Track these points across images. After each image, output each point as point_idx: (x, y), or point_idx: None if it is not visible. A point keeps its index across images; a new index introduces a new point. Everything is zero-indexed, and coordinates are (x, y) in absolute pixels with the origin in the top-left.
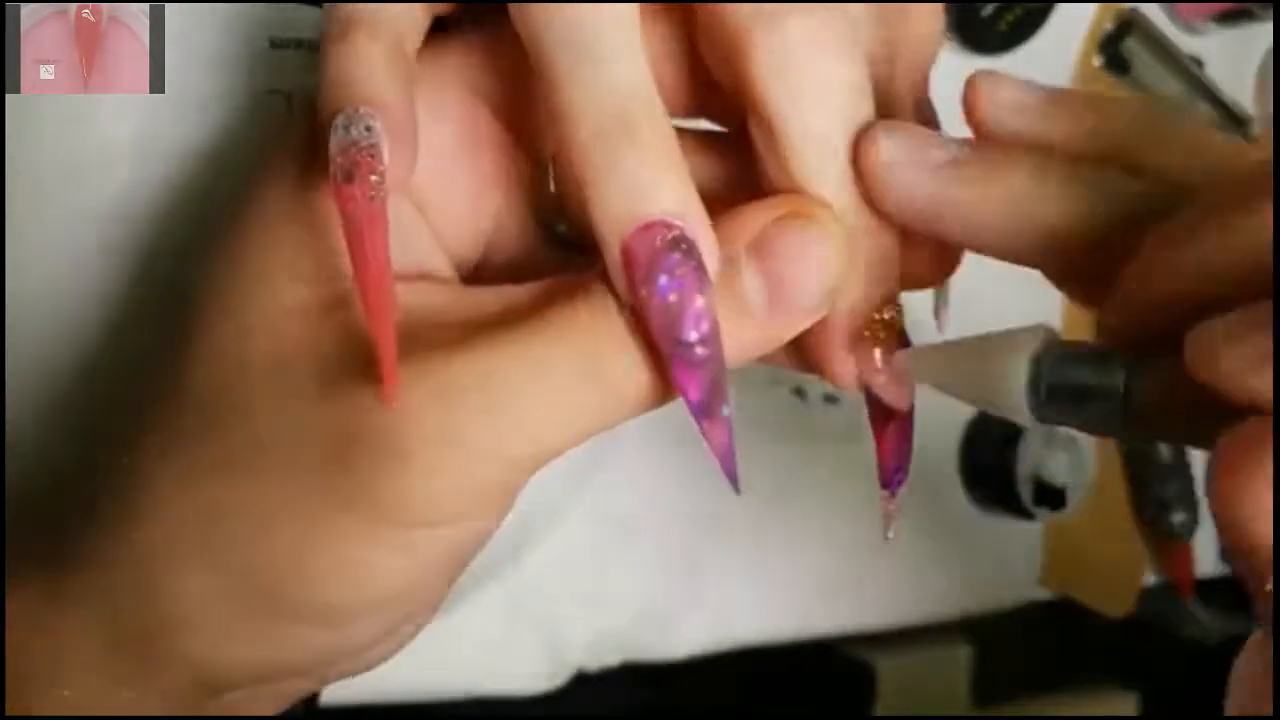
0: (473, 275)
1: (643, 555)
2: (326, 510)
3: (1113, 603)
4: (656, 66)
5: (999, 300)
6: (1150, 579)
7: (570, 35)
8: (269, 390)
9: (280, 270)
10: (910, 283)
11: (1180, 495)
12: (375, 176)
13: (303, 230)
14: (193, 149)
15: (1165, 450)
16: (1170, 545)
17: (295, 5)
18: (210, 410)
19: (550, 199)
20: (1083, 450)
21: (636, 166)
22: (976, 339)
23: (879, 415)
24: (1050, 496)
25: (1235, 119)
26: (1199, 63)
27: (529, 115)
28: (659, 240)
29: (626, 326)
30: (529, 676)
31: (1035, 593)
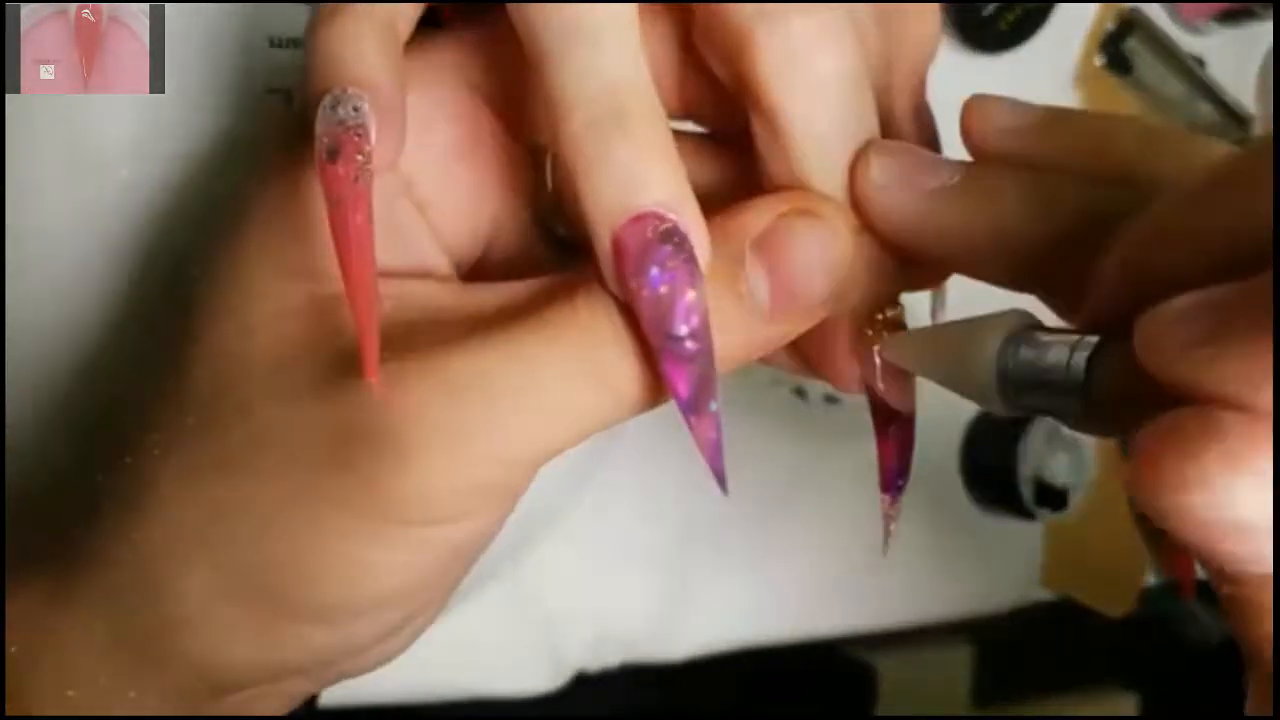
0: (471, 274)
1: (643, 556)
2: (327, 509)
3: (1113, 603)
4: (653, 66)
5: (998, 300)
6: (1151, 579)
7: (566, 26)
8: (269, 389)
9: (280, 269)
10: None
11: None
12: (361, 156)
13: (302, 229)
14: (193, 149)
15: None
16: (1171, 545)
17: (295, 5)
18: (211, 409)
19: (549, 198)
20: (1084, 450)
21: (628, 157)
22: (954, 324)
23: (881, 417)
24: (1051, 497)
25: (1236, 119)
26: (1200, 62)
27: (526, 111)
28: (650, 232)
29: (626, 325)
30: (529, 677)
31: (1036, 593)
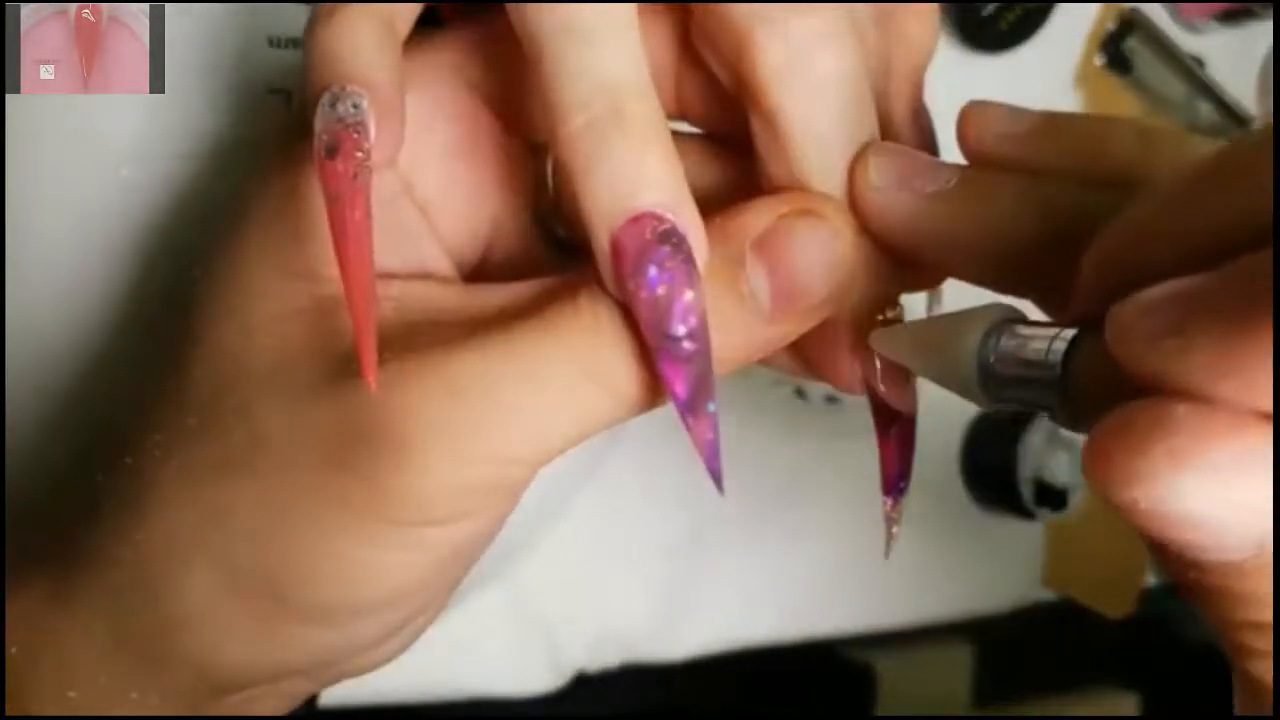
0: (472, 276)
1: (643, 556)
2: (328, 509)
3: (1114, 603)
4: (650, 66)
5: (995, 300)
6: (1151, 579)
7: (564, 26)
8: (270, 390)
9: (281, 270)
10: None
11: None
12: (360, 154)
13: (302, 230)
14: (193, 149)
15: None
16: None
17: (295, 5)
18: (211, 410)
19: (548, 199)
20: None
21: (627, 158)
22: (939, 317)
23: (882, 418)
24: (1051, 497)
25: (1237, 118)
26: (1200, 62)
27: (525, 110)
28: (649, 232)
29: (627, 326)
30: (529, 677)
31: (1036, 593)
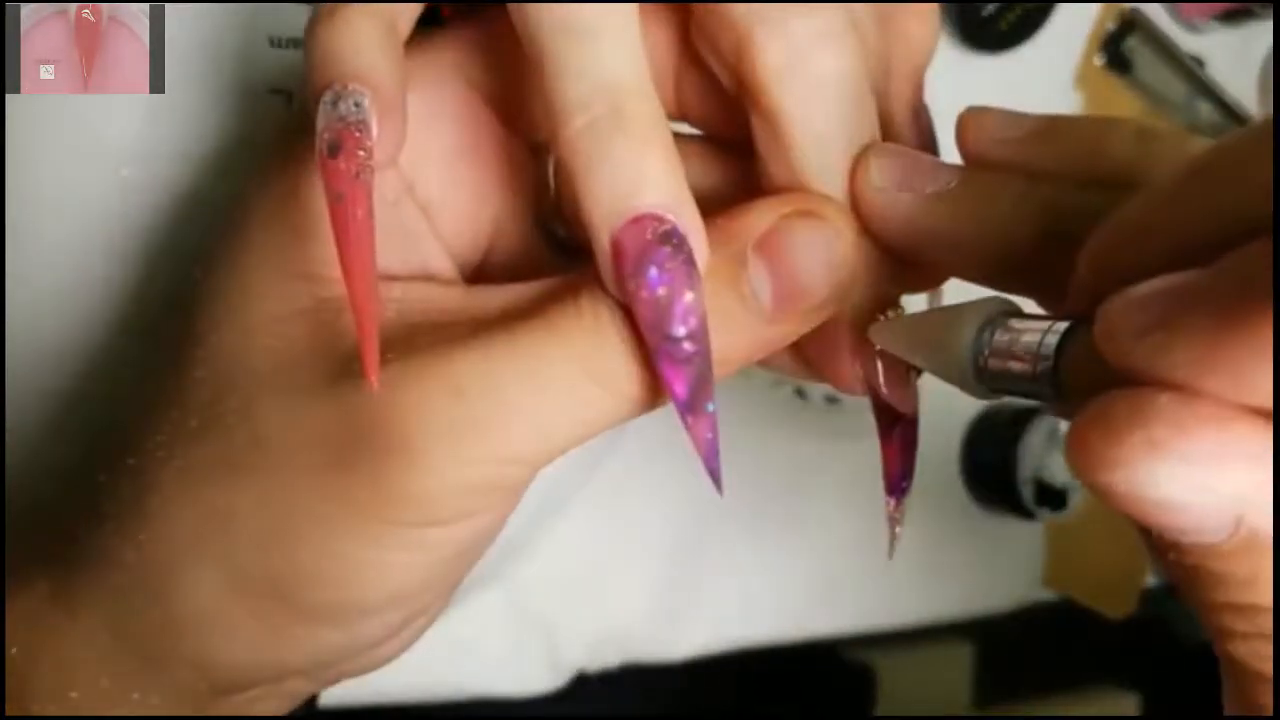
0: (473, 277)
1: (643, 556)
2: (331, 510)
3: (1114, 603)
4: (650, 67)
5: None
6: (1151, 579)
7: (565, 26)
8: (272, 390)
9: (282, 271)
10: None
11: None
12: (362, 152)
13: (304, 230)
14: (193, 149)
15: None
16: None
17: (295, 5)
18: (213, 411)
19: (550, 200)
20: None
21: (628, 158)
22: (936, 310)
23: (885, 419)
24: (1051, 497)
25: (1237, 118)
26: (1200, 62)
27: (526, 110)
28: (649, 233)
29: (628, 326)
30: (529, 677)
31: (1036, 593)
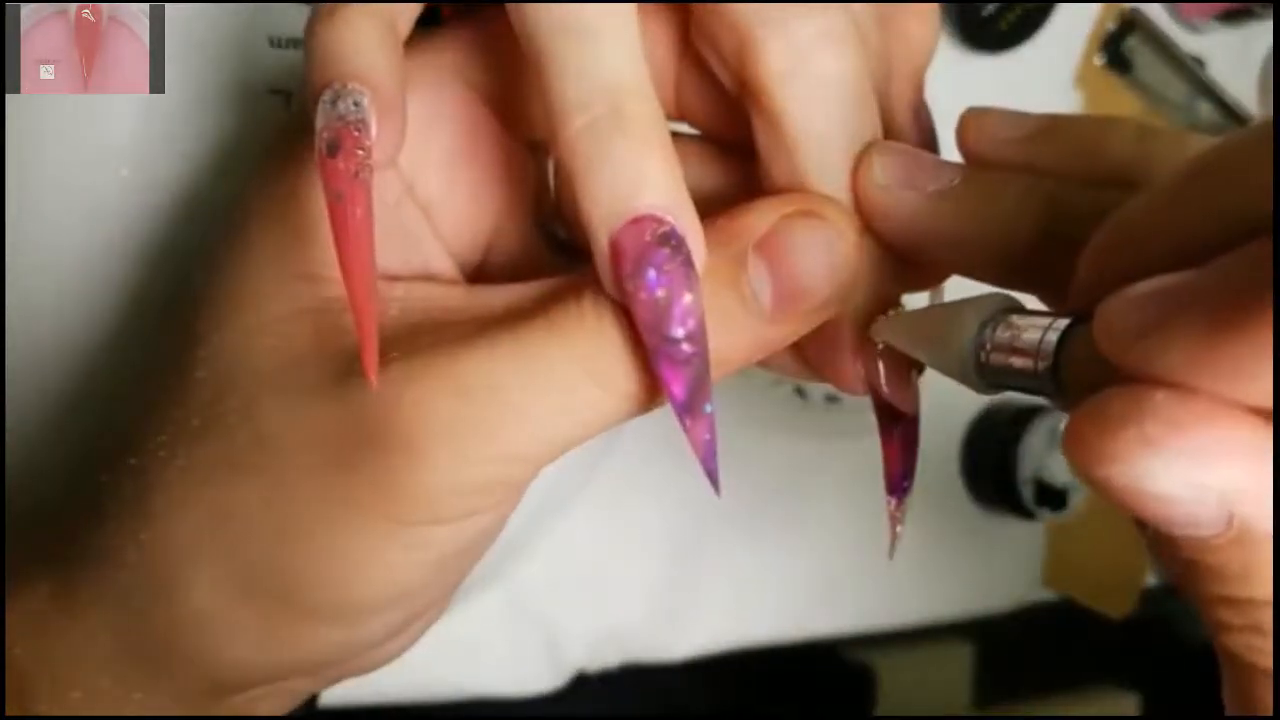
0: (473, 278)
1: (643, 556)
2: (335, 509)
3: (1114, 603)
4: (649, 68)
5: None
6: (1151, 579)
7: (564, 26)
8: (275, 390)
9: (284, 271)
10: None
11: None
12: (361, 152)
13: (305, 230)
14: (193, 149)
15: None
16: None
17: (295, 5)
18: (216, 410)
19: (549, 201)
20: None
21: (627, 159)
22: (939, 305)
23: (886, 419)
24: (1051, 497)
25: (1237, 118)
26: (1201, 62)
27: (526, 110)
28: (648, 235)
29: (630, 327)
30: (529, 677)
31: (1036, 593)
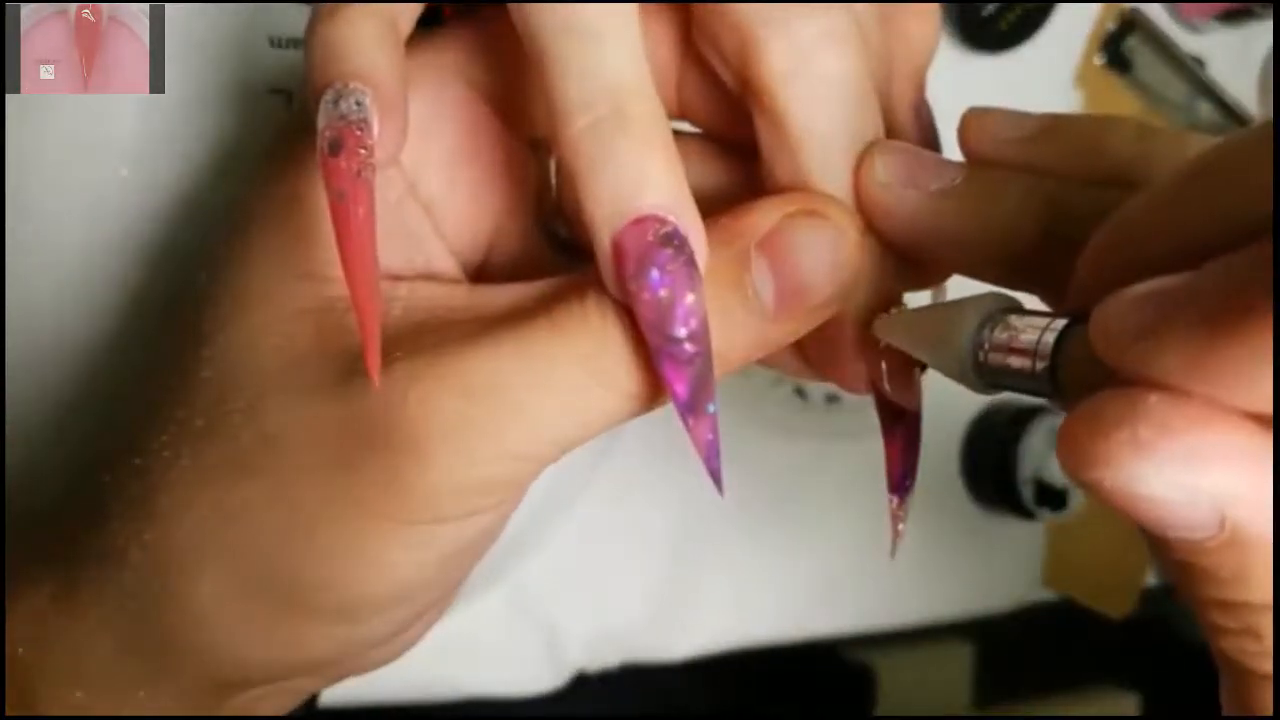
0: (474, 276)
1: (643, 556)
2: (340, 508)
3: (1113, 603)
4: (651, 67)
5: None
6: (1151, 580)
7: (566, 26)
8: (278, 389)
9: (287, 271)
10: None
11: None
12: (363, 151)
13: (307, 230)
14: (193, 150)
15: None
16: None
17: (295, 5)
18: (220, 410)
19: (551, 200)
20: None
21: (629, 159)
22: (939, 305)
23: (888, 417)
24: (1052, 497)
25: (1237, 118)
26: (1201, 62)
27: (527, 109)
28: (651, 235)
29: (633, 326)
30: (529, 677)
31: (1036, 593)
